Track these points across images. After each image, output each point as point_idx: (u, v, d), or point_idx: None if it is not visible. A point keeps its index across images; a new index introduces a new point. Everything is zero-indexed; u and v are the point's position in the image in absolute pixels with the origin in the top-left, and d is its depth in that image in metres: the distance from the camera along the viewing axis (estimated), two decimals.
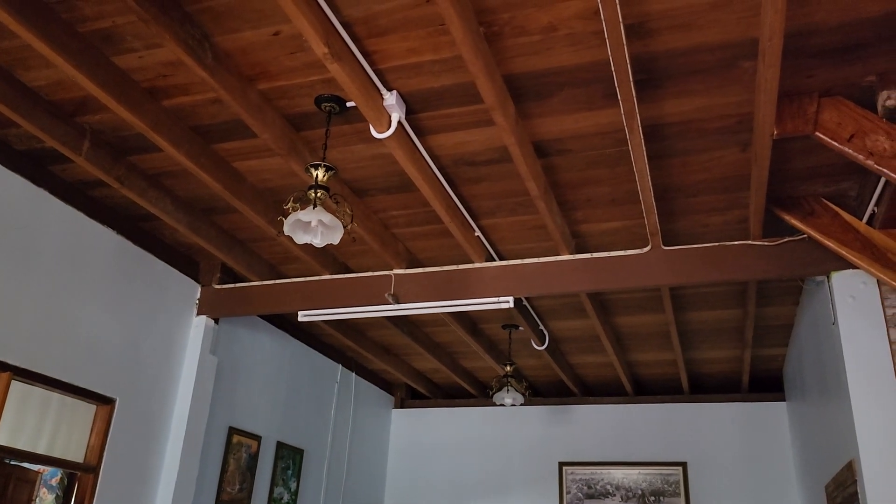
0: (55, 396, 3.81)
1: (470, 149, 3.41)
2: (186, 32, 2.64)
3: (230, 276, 4.88)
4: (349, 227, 2.99)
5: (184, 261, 4.70)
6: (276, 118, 3.18)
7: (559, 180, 3.64)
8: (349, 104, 3.08)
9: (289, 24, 2.68)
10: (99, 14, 2.69)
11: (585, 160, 3.45)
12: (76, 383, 3.85)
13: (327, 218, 2.81)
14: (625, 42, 2.47)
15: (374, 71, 2.88)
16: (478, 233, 4.13)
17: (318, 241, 2.97)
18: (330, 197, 2.99)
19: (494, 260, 4.39)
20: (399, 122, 3.06)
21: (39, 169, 3.72)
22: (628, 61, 2.56)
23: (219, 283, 4.80)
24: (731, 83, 2.87)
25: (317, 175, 2.94)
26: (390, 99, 2.98)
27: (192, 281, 4.77)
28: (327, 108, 3.10)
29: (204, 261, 4.82)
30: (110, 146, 3.55)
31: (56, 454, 3.78)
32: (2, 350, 3.46)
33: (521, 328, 5.62)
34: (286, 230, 2.89)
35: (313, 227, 2.93)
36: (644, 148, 3.08)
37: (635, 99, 2.76)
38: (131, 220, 4.27)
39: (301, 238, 2.96)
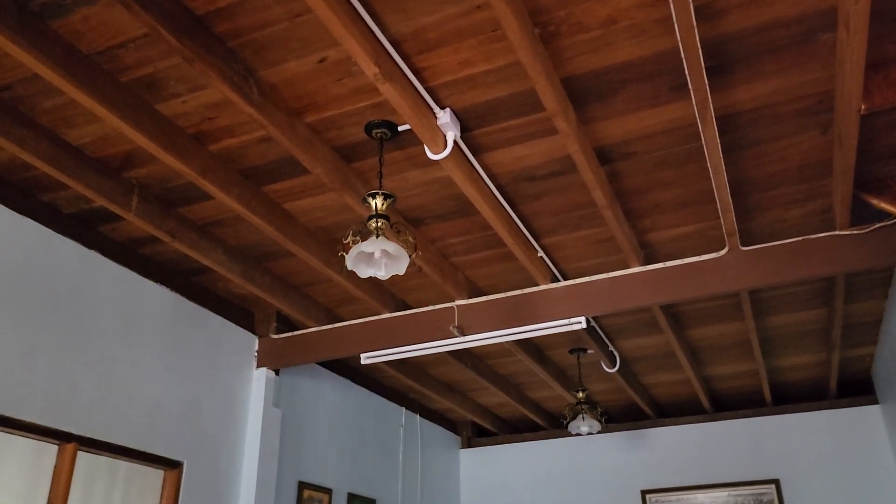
0: (122, 463, 3.70)
1: (529, 163, 3.25)
2: (231, 69, 2.55)
3: (286, 324, 4.76)
4: (413, 255, 2.84)
5: (239, 313, 4.61)
6: (326, 151, 3.07)
7: (624, 187, 3.45)
8: (401, 128, 2.96)
9: (334, 49, 2.58)
10: (140, 61, 2.62)
11: (652, 162, 3.27)
12: (142, 449, 3.74)
13: (391, 247, 2.67)
14: (695, 24, 2.30)
15: (426, 89, 2.76)
16: (541, 253, 3.94)
17: (383, 274, 2.82)
18: (391, 226, 2.85)
19: (559, 280, 4.20)
20: (455, 142, 2.93)
21: (89, 231, 3.67)
22: (699, 45, 2.39)
23: (276, 333, 4.68)
24: (808, 59, 2.67)
25: (375, 204, 2.81)
26: (444, 117, 2.85)
27: (249, 333, 4.67)
28: (378, 135, 2.98)
29: (259, 311, 4.72)
30: (159, 200, 3.48)
31: None
32: (65, 420, 3.37)
33: (590, 351, 5.38)
34: (349, 265, 2.75)
35: (377, 259, 2.78)
36: (718, 140, 2.89)
37: (708, 86, 2.58)
38: (184, 276, 4.20)
39: (365, 272, 2.81)
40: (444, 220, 3.70)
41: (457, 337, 4.17)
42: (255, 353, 4.66)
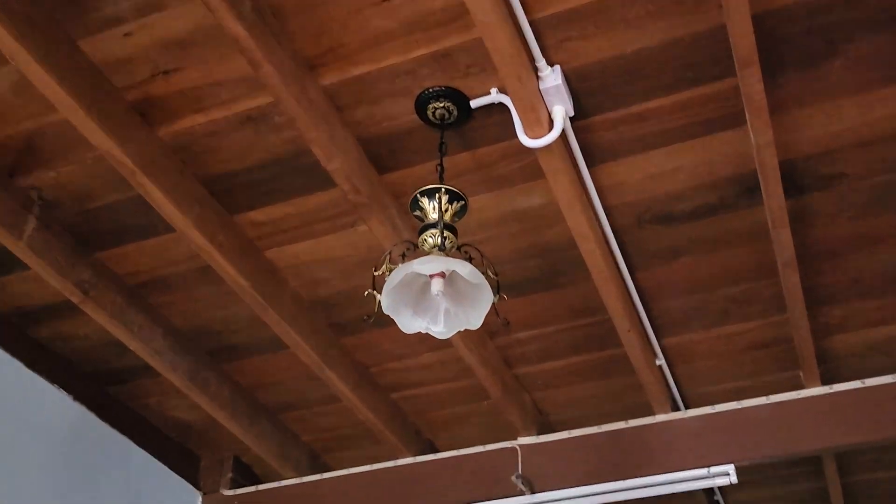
0: None
1: (670, 186, 2.44)
2: None
3: (246, 475, 3.74)
4: (496, 299, 1.96)
5: (176, 452, 3.62)
6: (348, 140, 2.28)
7: (810, 242, 2.61)
8: (476, 103, 2.18)
9: None
10: None
11: (865, 194, 2.46)
12: None
13: (466, 270, 1.79)
14: None
15: (529, 23, 2.00)
16: (661, 361, 3.04)
17: (442, 329, 1.92)
18: (459, 249, 2.00)
19: (680, 409, 3.25)
20: (563, 124, 2.14)
21: None
22: None
23: (230, 487, 3.65)
24: None
25: (437, 205, 1.97)
26: (552, 78, 2.06)
27: (189, 485, 3.64)
28: (439, 114, 2.20)
29: (207, 452, 3.71)
30: (69, 232, 2.63)
31: None
32: None
33: None
34: (385, 303, 1.86)
35: (433, 299, 1.89)
36: None
37: None
38: (97, 379, 3.27)
39: (411, 324, 1.91)
40: (517, 291, 2.81)
41: (522, 495, 3.15)
42: None
